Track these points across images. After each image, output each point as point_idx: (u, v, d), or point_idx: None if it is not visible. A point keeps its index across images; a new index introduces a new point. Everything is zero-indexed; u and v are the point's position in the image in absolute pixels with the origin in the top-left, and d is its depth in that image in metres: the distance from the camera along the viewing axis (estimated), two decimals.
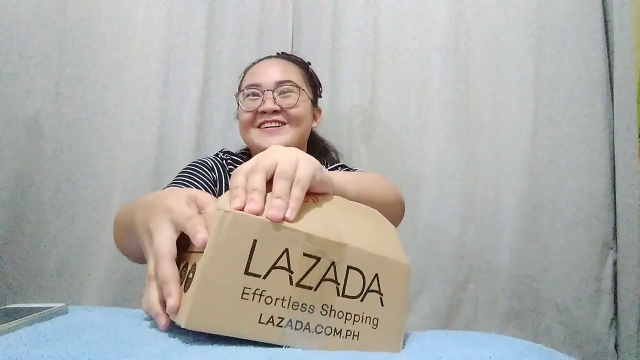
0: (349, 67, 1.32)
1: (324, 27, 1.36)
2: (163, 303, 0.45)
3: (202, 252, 0.43)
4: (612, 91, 1.30)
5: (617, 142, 1.28)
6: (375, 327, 0.48)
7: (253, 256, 0.42)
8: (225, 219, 0.42)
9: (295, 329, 0.43)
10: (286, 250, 0.44)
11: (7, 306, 0.55)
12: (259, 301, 0.42)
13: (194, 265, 0.43)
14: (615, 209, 1.28)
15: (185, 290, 0.43)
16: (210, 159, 1.02)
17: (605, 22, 1.32)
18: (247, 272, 0.42)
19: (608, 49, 1.32)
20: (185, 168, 0.99)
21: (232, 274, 0.42)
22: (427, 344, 0.49)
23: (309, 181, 0.49)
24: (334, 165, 1.05)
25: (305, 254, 0.45)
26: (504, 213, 1.30)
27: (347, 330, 0.46)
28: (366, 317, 0.48)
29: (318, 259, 0.45)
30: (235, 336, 0.41)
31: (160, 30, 1.23)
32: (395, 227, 0.79)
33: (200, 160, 1.01)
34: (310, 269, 0.45)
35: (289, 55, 1.09)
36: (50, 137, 1.17)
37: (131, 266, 1.15)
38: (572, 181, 1.29)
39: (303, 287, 0.44)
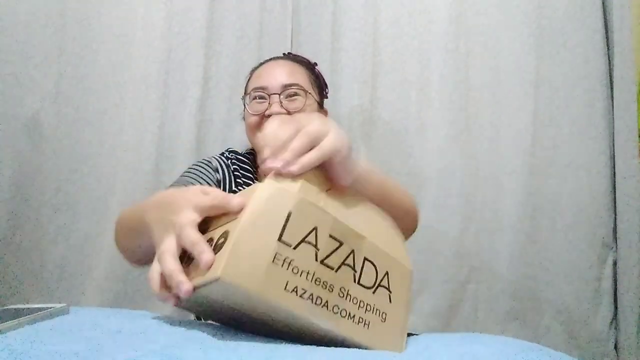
0: (349, 67, 1.32)
1: (324, 27, 1.35)
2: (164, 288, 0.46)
3: (232, 221, 0.45)
4: (612, 91, 1.30)
5: (617, 142, 1.28)
6: (383, 320, 0.50)
7: (287, 226, 0.45)
8: (266, 189, 0.46)
9: (316, 303, 0.45)
10: (315, 229, 0.47)
11: (9, 307, 0.55)
12: (287, 269, 0.44)
13: (225, 233, 0.45)
14: (615, 209, 1.28)
15: (216, 252, 0.44)
16: (215, 158, 1.02)
17: (605, 22, 1.32)
18: (280, 240, 0.44)
19: (608, 49, 1.32)
20: (189, 168, 0.99)
21: (267, 238, 0.44)
22: (425, 345, 0.49)
23: (330, 153, 0.49)
24: None
25: (331, 236, 0.48)
26: (504, 213, 1.29)
27: (360, 317, 0.48)
28: (376, 309, 0.50)
29: (341, 244, 0.48)
30: (262, 299, 0.42)
31: (160, 30, 1.23)
32: (407, 238, 0.79)
33: (205, 160, 1.01)
34: (334, 251, 0.48)
35: (296, 56, 1.08)
36: (50, 137, 1.17)
37: (131, 266, 1.15)
38: (572, 181, 1.29)
39: (326, 265, 0.47)
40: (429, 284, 1.27)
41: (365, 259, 0.50)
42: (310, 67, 1.05)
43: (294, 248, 0.45)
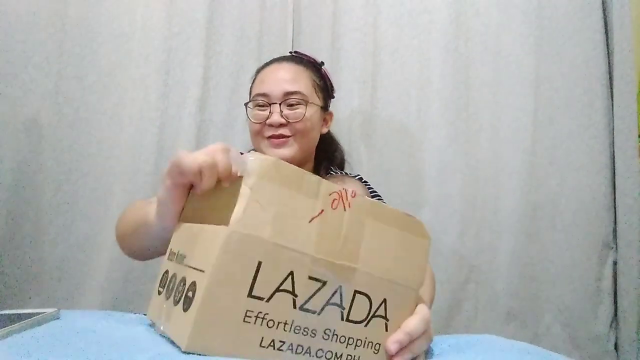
0: (349, 67, 1.32)
1: (324, 27, 1.35)
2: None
3: (202, 270, 0.41)
4: (612, 91, 1.30)
5: (617, 142, 1.28)
6: (376, 352, 0.47)
7: (257, 278, 0.41)
8: (231, 238, 0.41)
9: (296, 353, 0.43)
10: (291, 273, 0.43)
11: None
12: (261, 324, 0.41)
13: (193, 284, 0.42)
14: (615, 209, 1.28)
15: (184, 310, 0.42)
16: None
17: (605, 22, 1.32)
18: (250, 295, 0.41)
19: (608, 49, 1.32)
20: None
21: (235, 296, 0.40)
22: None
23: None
24: (353, 175, 1.07)
25: (310, 277, 0.43)
26: (504, 213, 1.29)
27: (348, 355, 0.45)
28: (368, 342, 0.47)
29: (324, 283, 0.44)
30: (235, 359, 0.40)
31: (160, 30, 1.23)
32: None
33: None
34: (316, 292, 0.44)
35: (302, 55, 1.05)
36: (50, 137, 1.17)
37: (131, 266, 1.15)
38: (572, 181, 1.29)
39: (307, 310, 0.43)
40: None
41: (356, 292, 0.46)
42: (316, 67, 1.03)
43: (267, 301, 0.41)
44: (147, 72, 1.22)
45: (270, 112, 0.93)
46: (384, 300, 0.47)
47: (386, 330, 0.48)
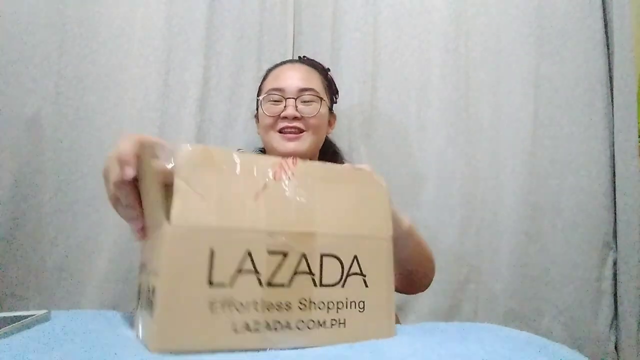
0: (349, 67, 1.32)
1: (324, 27, 1.35)
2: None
3: (157, 273, 0.41)
4: (612, 91, 1.30)
5: (617, 142, 1.28)
6: (362, 310, 0.46)
7: (214, 266, 0.40)
8: (175, 234, 0.40)
9: (275, 330, 0.42)
10: (248, 252, 0.42)
11: None
12: (230, 311, 0.40)
13: (154, 288, 0.41)
14: (615, 209, 1.28)
15: (151, 316, 0.41)
16: None
17: (605, 22, 1.32)
18: (210, 284, 0.40)
19: (608, 49, 1.32)
20: None
21: (195, 289, 0.39)
22: (419, 341, 0.47)
23: None
24: None
25: (270, 252, 0.43)
26: (504, 213, 1.29)
27: (332, 320, 0.45)
28: (350, 302, 0.46)
29: (285, 254, 0.43)
30: (211, 351, 0.39)
31: (160, 30, 1.23)
32: (423, 289, 0.85)
33: None
34: (280, 266, 0.43)
35: (311, 60, 1.10)
36: (50, 137, 1.17)
37: (131, 266, 1.15)
38: (572, 181, 1.29)
39: (275, 285, 0.43)
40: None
41: (322, 255, 0.45)
42: (324, 72, 1.07)
43: (230, 285, 0.41)
44: (147, 72, 1.22)
45: (285, 106, 0.95)
46: (355, 257, 0.47)
47: (366, 286, 0.47)
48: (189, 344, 0.39)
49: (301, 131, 0.95)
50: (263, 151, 1.07)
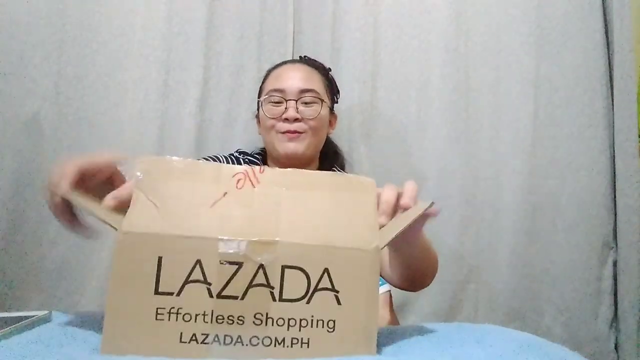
0: (349, 67, 1.32)
1: (324, 27, 1.35)
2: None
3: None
4: (612, 91, 1.30)
5: (617, 142, 1.28)
6: (331, 330, 0.42)
7: (161, 274, 0.40)
8: (123, 242, 0.41)
9: (225, 344, 0.40)
10: (198, 262, 0.41)
11: None
12: (177, 320, 0.40)
13: None
14: (615, 209, 1.28)
15: None
16: (225, 157, 1.03)
17: (605, 22, 1.32)
18: (157, 292, 0.40)
19: (608, 49, 1.32)
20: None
21: (141, 296, 0.40)
22: (413, 344, 0.45)
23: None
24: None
25: (222, 262, 0.41)
26: (504, 213, 1.29)
27: (293, 338, 0.41)
28: (317, 321, 0.42)
29: (240, 265, 0.41)
30: (157, 358, 0.39)
31: (160, 31, 1.23)
32: (426, 286, 0.84)
33: (214, 157, 1.02)
34: (232, 277, 0.41)
35: (312, 60, 1.09)
36: (50, 137, 1.17)
37: None
38: (572, 181, 1.29)
39: (226, 297, 0.41)
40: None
41: (283, 267, 0.42)
42: (325, 72, 1.07)
43: (178, 294, 0.40)
44: (147, 72, 1.22)
45: (286, 108, 0.95)
46: (326, 270, 0.42)
47: (339, 303, 0.42)
48: (133, 349, 0.39)
49: (301, 132, 0.95)
50: (264, 151, 1.07)
